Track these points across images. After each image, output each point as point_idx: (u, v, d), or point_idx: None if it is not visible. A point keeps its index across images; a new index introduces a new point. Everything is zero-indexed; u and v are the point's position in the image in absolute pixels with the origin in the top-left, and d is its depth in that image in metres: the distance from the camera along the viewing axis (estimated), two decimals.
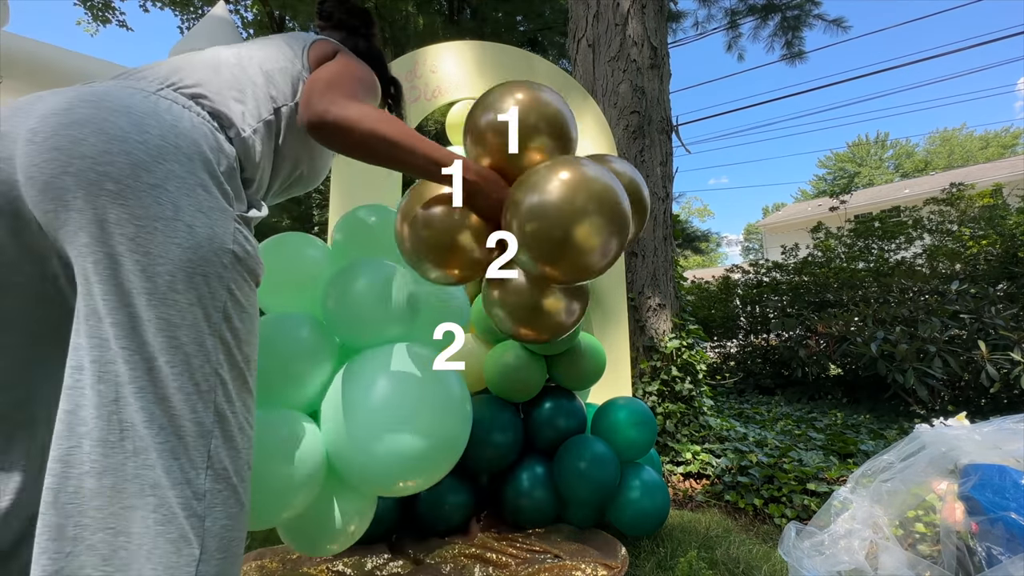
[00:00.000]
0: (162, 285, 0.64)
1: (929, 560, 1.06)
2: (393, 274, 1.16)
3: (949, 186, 5.29)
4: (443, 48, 2.57)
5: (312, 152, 0.99)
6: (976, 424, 1.24)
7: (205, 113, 0.77)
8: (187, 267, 0.66)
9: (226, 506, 0.68)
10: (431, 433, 1.02)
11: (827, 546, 1.13)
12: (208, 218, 0.70)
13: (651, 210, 3.03)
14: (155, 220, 0.65)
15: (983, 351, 3.28)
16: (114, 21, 9.11)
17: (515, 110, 0.85)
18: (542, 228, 0.77)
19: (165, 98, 0.74)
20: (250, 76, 0.86)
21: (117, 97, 0.69)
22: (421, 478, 1.06)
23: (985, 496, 1.04)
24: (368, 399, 1.02)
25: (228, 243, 0.72)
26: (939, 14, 13.07)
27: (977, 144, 28.40)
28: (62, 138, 0.64)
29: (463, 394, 1.14)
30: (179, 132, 0.71)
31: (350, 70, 0.91)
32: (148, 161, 0.66)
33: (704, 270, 19.01)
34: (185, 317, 0.66)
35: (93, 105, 0.67)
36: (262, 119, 0.85)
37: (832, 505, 1.25)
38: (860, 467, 1.33)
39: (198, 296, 0.67)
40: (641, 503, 1.68)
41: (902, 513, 1.15)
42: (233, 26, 2.76)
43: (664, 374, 2.78)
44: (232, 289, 0.72)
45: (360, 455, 1.01)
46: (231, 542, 0.68)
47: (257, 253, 0.78)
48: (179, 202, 0.67)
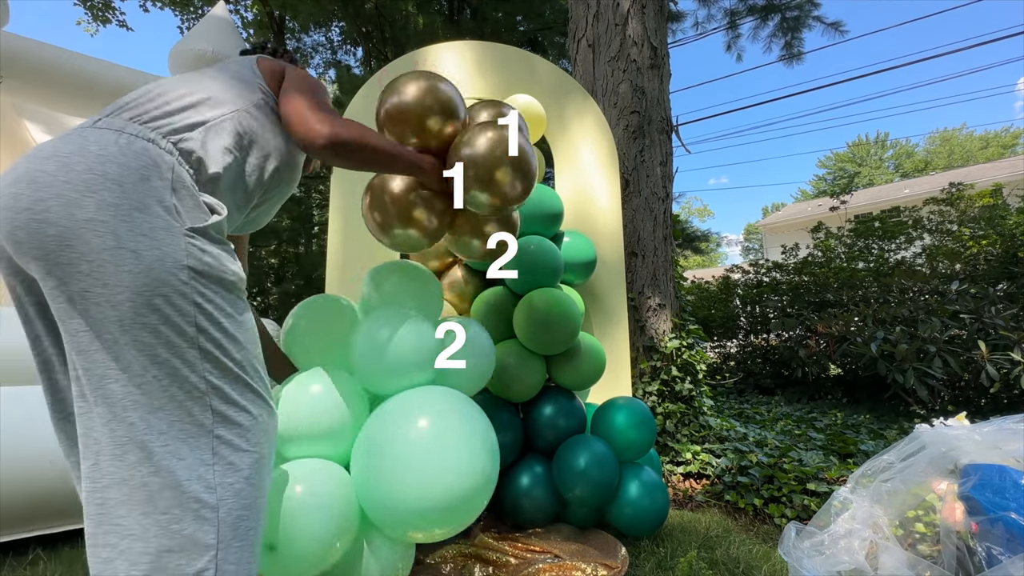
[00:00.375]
0: (127, 312, 0.68)
1: (929, 560, 1.06)
2: (414, 320, 1.19)
3: (949, 186, 5.28)
4: (443, 48, 2.57)
5: (280, 150, 1.00)
6: (976, 424, 1.24)
7: (145, 130, 0.78)
8: (144, 291, 0.69)
9: (239, 497, 0.72)
10: (461, 473, 1.03)
11: (827, 546, 1.13)
12: (152, 239, 0.71)
13: (651, 210, 3.05)
14: (100, 252, 0.68)
15: (983, 351, 3.28)
16: (114, 21, 9.10)
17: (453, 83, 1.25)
18: (477, 172, 1.11)
19: (99, 128, 0.77)
20: (205, 86, 0.90)
21: (50, 144, 0.74)
22: (456, 522, 1.06)
23: (985, 496, 1.04)
24: (396, 444, 1.04)
25: (182, 259, 0.73)
26: (939, 14, 13.07)
27: (977, 144, 28.38)
28: (7, 197, 0.69)
29: (487, 430, 1.15)
30: (106, 159, 0.72)
31: (315, 85, 1.00)
32: (77, 198, 0.68)
33: (704, 270, 19.00)
34: (159, 337, 0.70)
35: (27, 159, 0.72)
36: (214, 123, 0.86)
37: (832, 505, 1.25)
38: (860, 467, 1.33)
39: (163, 317, 0.70)
40: (641, 503, 1.68)
41: (902, 513, 1.15)
42: (233, 26, 2.75)
43: (664, 374, 2.78)
44: (199, 303, 0.73)
45: (393, 503, 1.02)
46: (247, 531, 0.73)
47: (223, 260, 0.79)
48: (117, 230, 0.69)
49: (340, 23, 9.15)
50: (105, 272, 0.68)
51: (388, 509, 1.03)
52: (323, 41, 10.16)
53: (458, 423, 1.08)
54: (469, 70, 2.55)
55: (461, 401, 1.15)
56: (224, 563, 0.70)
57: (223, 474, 0.71)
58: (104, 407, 0.68)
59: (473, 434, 1.09)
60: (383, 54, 8.83)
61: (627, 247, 2.93)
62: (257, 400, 0.79)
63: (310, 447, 1.09)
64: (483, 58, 2.56)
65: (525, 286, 1.91)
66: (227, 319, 0.77)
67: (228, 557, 0.70)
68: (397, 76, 1.22)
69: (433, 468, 1.01)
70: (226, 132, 0.87)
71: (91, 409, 0.69)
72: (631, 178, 3.06)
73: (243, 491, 0.73)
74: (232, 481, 0.72)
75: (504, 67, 2.55)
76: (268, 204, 1.05)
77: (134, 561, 0.65)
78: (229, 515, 0.71)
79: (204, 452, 0.71)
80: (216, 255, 0.78)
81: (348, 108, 2.40)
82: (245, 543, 0.73)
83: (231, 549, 0.70)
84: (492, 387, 1.85)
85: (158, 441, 0.68)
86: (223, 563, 0.69)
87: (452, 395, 1.15)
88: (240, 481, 0.73)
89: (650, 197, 3.06)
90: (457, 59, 2.55)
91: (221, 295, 0.77)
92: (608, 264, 2.42)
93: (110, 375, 0.68)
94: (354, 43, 9.76)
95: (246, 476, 0.74)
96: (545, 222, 2.06)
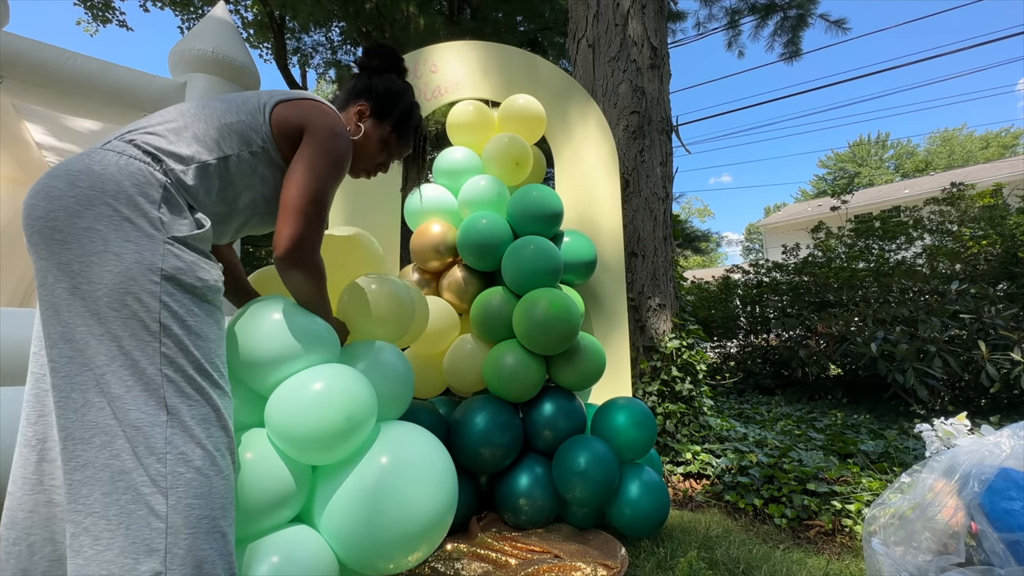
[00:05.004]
0: (104, 305, 0.80)
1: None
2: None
3: (949, 186, 5.28)
4: (444, 48, 2.57)
5: (265, 196, 1.08)
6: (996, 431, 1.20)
7: (140, 152, 0.90)
8: (119, 288, 0.81)
9: (190, 487, 0.79)
10: (428, 502, 1.07)
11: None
12: (135, 245, 0.83)
13: (651, 210, 3.05)
14: (91, 255, 0.81)
15: (983, 351, 3.28)
16: (114, 21, 9.09)
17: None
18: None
19: (106, 149, 0.89)
20: (206, 127, 0.99)
21: (65, 164, 0.88)
22: (427, 547, 1.11)
23: (990, 498, 1.04)
24: (362, 485, 1.04)
25: (158, 263, 0.84)
26: (939, 14, 13.06)
27: (977, 144, 28.37)
28: (28, 207, 0.84)
29: (445, 458, 1.18)
30: (105, 178, 0.85)
31: (313, 176, 1.02)
32: (80, 210, 0.83)
33: (704, 270, 19.00)
34: (126, 328, 0.80)
35: (46, 176, 0.87)
36: (203, 160, 0.96)
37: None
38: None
39: (132, 312, 0.81)
40: (641, 503, 1.68)
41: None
42: (233, 27, 2.75)
43: (664, 374, 2.78)
44: (167, 302, 0.83)
45: (367, 544, 1.02)
46: (200, 520, 0.79)
47: (196, 267, 0.88)
48: (108, 237, 0.82)
49: (340, 23, 9.14)
50: (91, 271, 0.80)
51: (369, 552, 1.03)
52: (323, 41, 10.15)
53: (416, 450, 1.13)
54: (472, 71, 2.55)
55: (404, 430, 1.18)
56: (175, 547, 0.76)
57: (174, 464, 0.78)
58: (79, 393, 0.78)
59: (432, 456, 1.15)
60: None
61: (627, 247, 2.92)
62: (215, 395, 0.86)
63: (268, 518, 1.01)
64: (487, 59, 2.56)
65: (524, 286, 1.91)
66: (192, 318, 0.86)
67: (178, 542, 0.76)
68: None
69: (408, 500, 1.05)
70: (211, 174, 0.97)
71: (68, 395, 0.78)
72: (631, 178, 3.06)
73: (194, 481, 0.79)
74: (183, 471, 0.79)
75: (507, 68, 2.55)
76: (255, 229, 1.15)
77: (97, 536, 0.74)
78: (179, 503, 0.77)
79: (157, 441, 0.78)
80: (190, 262, 0.88)
81: None
82: (197, 531, 0.78)
83: (180, 535, 0.77)
84: (492, 387, 1.85)
85: (119, 428, 0.77)
86: (173, 547, 0.76)
87: (395, 428, 1.16)
88: (190, 472, 0.79)
89: (650, 197, 3.06)
90: (460, 60, 2.55)
91: (191, 298, 0.86)
92: (608, 264, 2.42)
93: (86, 363, 0.79)
94: (354, 43, 9.75)
95: (198, 467, 0.80)
96: (545, 222, 2.06)
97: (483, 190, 2.12)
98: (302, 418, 1.00)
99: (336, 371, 1.07)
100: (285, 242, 0.99)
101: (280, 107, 1.05)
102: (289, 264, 1.01)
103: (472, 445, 1.71)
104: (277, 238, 1.00)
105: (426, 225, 2.15)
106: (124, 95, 2.46)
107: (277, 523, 1.03)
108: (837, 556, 1.65)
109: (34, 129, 3.20)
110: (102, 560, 0.73)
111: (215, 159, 0.97)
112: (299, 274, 1.03)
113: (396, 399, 1.24)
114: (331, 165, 1.04)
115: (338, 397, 1.02)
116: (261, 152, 1.03)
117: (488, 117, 2.34)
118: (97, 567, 0.73)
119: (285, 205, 1.00)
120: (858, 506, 1.83)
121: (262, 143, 1.03)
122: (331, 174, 1.04)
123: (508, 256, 1.96)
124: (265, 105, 1.05)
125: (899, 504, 1.20)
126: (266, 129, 1.03)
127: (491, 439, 1.71)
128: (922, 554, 1.08)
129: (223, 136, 0.99)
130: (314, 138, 1.04)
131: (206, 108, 1.02)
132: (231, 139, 1.00)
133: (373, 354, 1.23)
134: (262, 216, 1.11)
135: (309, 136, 1.04)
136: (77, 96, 2.39)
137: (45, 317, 0.81)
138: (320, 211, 1.03)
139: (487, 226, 2.01)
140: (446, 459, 1.18)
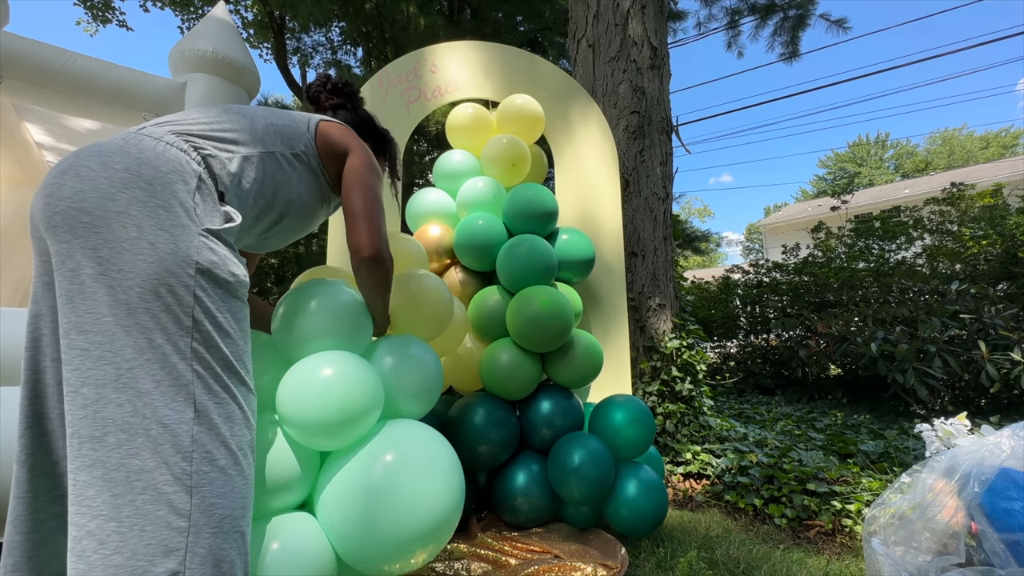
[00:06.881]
0: (134, 296, 0.75)
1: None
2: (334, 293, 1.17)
3: (949, 186, 5.28)
4: (444, 48, 2.57)
5: (302, 197, 1.11)
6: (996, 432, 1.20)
7: (178, 139, 0.88)
8: (153, 279, 0.76)
9: (214, 486, 0.76)
10: (431, 506, 1.05)
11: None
12: (171, 235, 0.79)
13: (651, 210, 3.05)
14: (122, 241, 0.76)
15: (983, 351, 3.27)
16: (114, 21, 9.08)
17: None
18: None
19: (142, 134, 0.87)
20: (249, 120, 1.02)
21: (96, 145, 0.83)
22: (428, 550, 1.08)
23: (990, 498, 1.04)
24: (363, 483, 1.02)
25: (192, 255, 0.80)
26: (939, 14, 13.06)
27: (977, 144, 28.36)
28: (51, 187, 0.79)
29: (452, 460, 1.16)
30: (142, 162, 0.82)
31: (373, 188, 1.12)
32: (113, 192, 0.78)
33: (704, 270, 19.00)
34: (158, 322, 0.76)
35: (75, 155, 0.82)
36: (249, 151, 0.98)
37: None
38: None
39: (165, 305, 0.77)
40: (638, 502, 1.68)
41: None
42: (233, 27, 2.75)
43: (664, 374, 2.78)
44: (200, 296, 0.80)
45: (366, 543, 1.01)
46: (223, 519, 0.76)
47: (228, 261, 0.86)
48: (142, 223, 0.78)
49: (340, 23, 9.14)
50: (123, 259, 0.75)
51: (369, 552, 1.02)
52: (323, 41, 10.15)
53: (421, 450, 1.11)
54: (474, 71, 2.55)
55: (413, 429, 1.16)
56: (196, 547, 0.72)
57: (200, 462, 0.75)
58: (92, 388, 0.72)
59: (439, 457, 1.13)
60: (383, 54, 8.83)
61: (627, 247, 2.93)
62: (240, 393, 0.84)
63: (267, 506, 1.03)
64: (488, 60, 2.56)
65: (518, 285, 1.91)
66: (222, 315, 0.83)
67: (200, 541, 0.73)
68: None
69: (410, 501, 1.03)
70: (253, 165, 0.98)
71: (78, 391, 0.72)
72: (631, 178, 3.06)
73: (217, 481, 0.76)
74: (207, 470, 0.75)
75: (508, 69, 2.55)
76: (279, 236, 1.15)
77: (103, 540, 0.68)
78: (203, 501, 0.74)
79: (184, 438, 0.74)
80: (223, 256, 0.85)
81: None
82: (220, 531, 0.75)
83: (203, 534, 0.73)
84: (488, 385, 1.85)
85: (140, 425, 0.72)
86: (194, 546, 0.72)
87: (403, 427, 1.15)
88: (215, 471, 0.76)
89: (650, 197, 3.06)
90: (461, 60, 2.55)
91: (221, 294, 0.83)
92: (609, 265, 2.42)
93: (106, 357, 0.73)
94: (354, 43, 9.76)
95: (222, 466, 0.77)
96: (539, 221, 2.06)
97: (480, 192, 2.12)
98: (302, 403, 1.02)
99: (344, 359, 1.09)
100: (371, 242, 1.07)
101: (325, 124, 1.15)
102: (374, 262, 1.08)
103: (468, 442, 1.71)
104: (358, 242, 1.07)
105: (424, 228, 2.16)
106: (124, 95, 2.46)
107: (281, 506, 1.04)
108: (837, 556, 1.65)
109: (34, 129, 3.20)
110: (108, 564, 0.68)
111: (259, 152, 1.00)
112: (381, 270, 1.10)
113: (420, 395, 1.24)
114: (377, 184, 1.16)
115: (337, 387, 1.03)
116: (303, 156, 1.09)
117: (486, 119, 2.34)
118: (103, 571, 0.67)
119: (358, 212, 1.08)
120: (858, 506, 1.83)
121: (304, 148, 1.09)
122: (379, 192, 1.16)
123: (502, 255, 1.97)
124: (311, 119, 1.14)
125: (899, 504, 1.20)
126: (310, 137, 1.11)
127: (487, 436, 1.72)
128: (922, 554, 1.08)
129: (268, 133, 1.04)
130: (360, 160, 1.14)
131: (249, 109, 1.07)
132: (275, 138, 1.05)
133: (402, 348, 1.24)
134: (293, 218, 1.12)
135: (355, 157, 1.14)
136: (77, 96, 2.39)
137: (59, 306, 0.76)
138: (383, 217, 1.13)
139: (483, 227, 2.01)
140: (453, 458, 1.17)
